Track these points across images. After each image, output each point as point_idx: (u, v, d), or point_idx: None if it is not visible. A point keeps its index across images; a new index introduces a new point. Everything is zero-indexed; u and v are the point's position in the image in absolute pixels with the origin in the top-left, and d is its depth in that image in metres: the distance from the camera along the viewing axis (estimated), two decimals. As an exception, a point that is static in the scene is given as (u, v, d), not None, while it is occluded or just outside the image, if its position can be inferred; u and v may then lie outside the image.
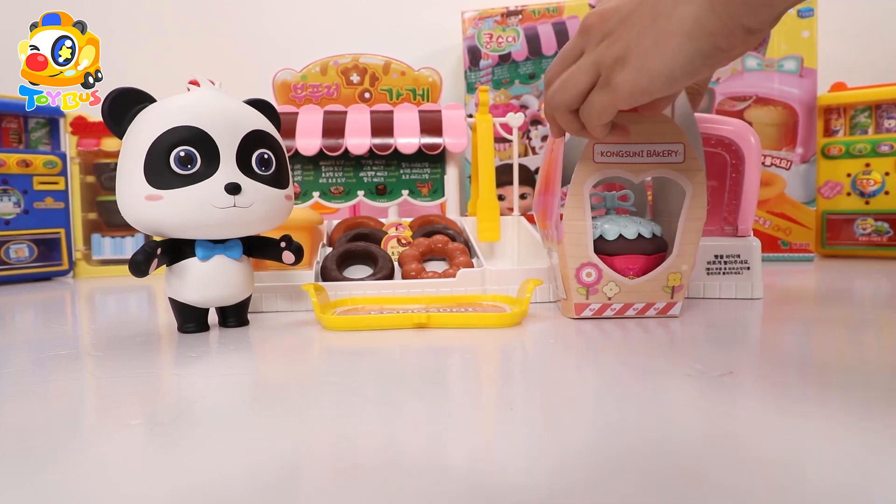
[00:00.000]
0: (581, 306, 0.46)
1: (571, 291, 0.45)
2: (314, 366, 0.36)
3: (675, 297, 0.46)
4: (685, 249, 0.45)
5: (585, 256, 0.44)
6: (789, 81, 0.82)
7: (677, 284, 0.45)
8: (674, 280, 0.45)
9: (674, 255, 0.45)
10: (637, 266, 0.45)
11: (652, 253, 0.46)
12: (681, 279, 0.45)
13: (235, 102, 0.43)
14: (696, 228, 0.45)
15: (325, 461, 0.22)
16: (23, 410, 0.28)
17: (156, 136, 0.39)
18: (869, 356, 0.35)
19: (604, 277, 0.45)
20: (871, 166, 0.85)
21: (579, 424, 0.25)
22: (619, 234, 0.45)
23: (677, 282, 0.45)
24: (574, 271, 0.45)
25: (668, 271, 0.45)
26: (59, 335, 0.46)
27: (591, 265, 0.45)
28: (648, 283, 0.45)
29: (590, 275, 0.45)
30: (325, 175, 0.71)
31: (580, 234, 0.44)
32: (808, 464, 0.21)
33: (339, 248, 0.58)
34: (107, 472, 0.21)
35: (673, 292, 0.46)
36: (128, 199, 0.41)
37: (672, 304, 0.46)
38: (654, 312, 0.46)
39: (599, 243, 0.45)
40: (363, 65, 0.86)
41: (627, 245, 0.45)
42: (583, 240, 0.44)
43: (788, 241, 0.85)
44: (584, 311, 0.46)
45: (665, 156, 0.43)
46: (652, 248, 0.46)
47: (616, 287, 0.45)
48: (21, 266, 0.81)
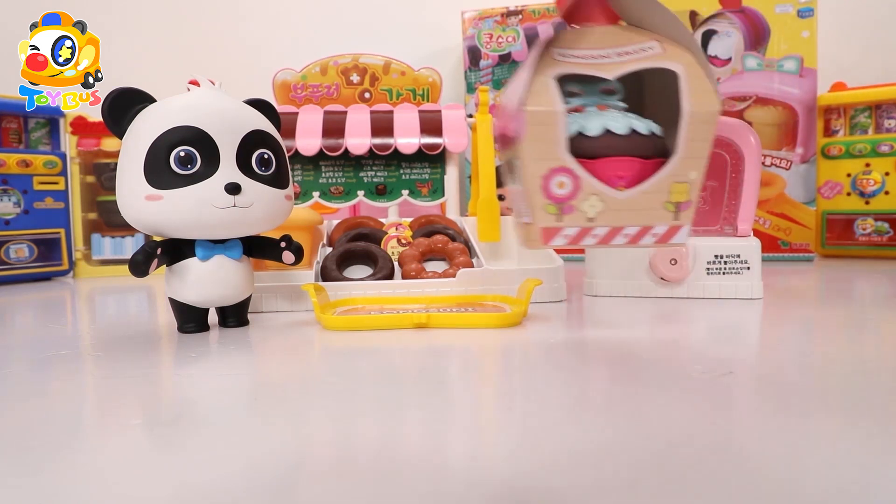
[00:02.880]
0: (550, 231, 0.34)
1: (537, 210, 0.33)
2: (314, 366, 0.36)
3: (681, 217, 0.35)
4: (693, 148, 0.33)
5: (556, 158, 0.33)
6: (789, 81, 0.82)
7: (684, 199, 0.34)
8: (679, 193, 0.34)
9: (678, 156, 0.34)
10: (630, 172, 0.34)
11: (650, 156, 0.35)
12: (688, 192, 0.34)
13: (235, 102, 0.43)
14: (707, 118, 0.33)
15: (325, 461, 0.22)
16: (23, 410, 0.28)
17: (156, 136, 0.39)
18: (869, 356, 0.35)
19: (583, 189, 0.33)
20: (871, 166, 0.85)
21: (579, 424, 0.25)
22: (605, 128, 0.34)
23: (683, 195, 0.34)
24: (540, 181, 0.33)
25: (671, 179, 0.34)
26: (59, 335, 0.46)
27: (565, 171, 0.33)
28: (645, 198, 0.34)
29: (562, 185, 0.33)
30: (325, 175, 0.71)
31: (548, 125, 0.32)
32: (808, 464, 0.21)
33: (339, 248, 0.58)
34: (107, 472, 0.21)
35: (678, 211, 0.34)
36: (128, 199, 0.41)
37: (676, 228, 0.35)
38: (653, 239, 0.35)
39: (578, 142, 0.34)
40: (363, 65, 0.86)
41: (616, 143, 0.34)
42: (551, 133, 0.32)
43: (788, 241, 0.85)
44: (555, 237, 0.34)
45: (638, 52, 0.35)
46: (650, 149, 0.35)
47: (600, 203, 0.34)
48: (21, 266, 0.81)
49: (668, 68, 0.34)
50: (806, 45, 0.81)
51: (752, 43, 0.83)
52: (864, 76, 0.91)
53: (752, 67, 0.83)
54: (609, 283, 0.57)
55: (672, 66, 0.34)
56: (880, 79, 0.89)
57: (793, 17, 0.81)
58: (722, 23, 0.84)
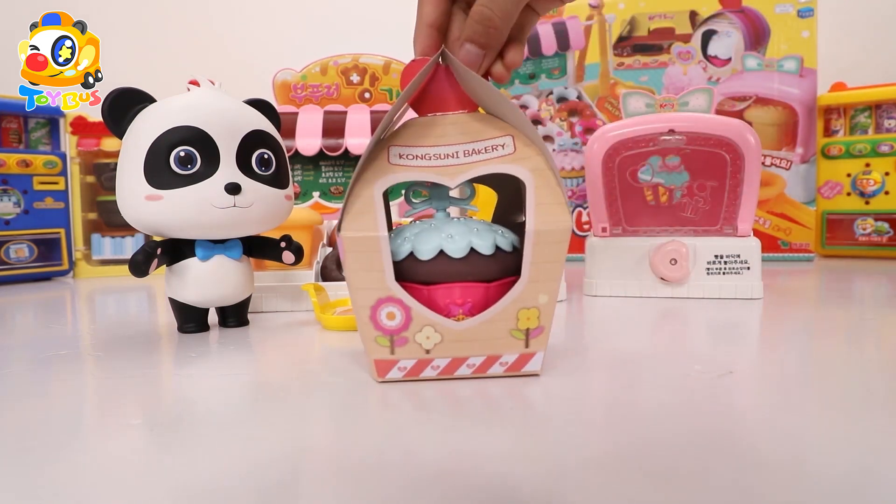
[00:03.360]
0: (385, 365, 0.30)
1: (368, 341, 0.30)
2: (314, 366, 0.36)
3: (533, 345, 0.30)
4: (542, 271, 0.29)
5: (382, 287, 0.29)
6: (789, 81, 0.82)
7: (534, 326, 0.30)
8: (528, 320, 0.29)
9: (524, 280, 0.29)
10: (471, 299, 0.30)
11: (495, 277, 0.30)
12: (538, 318, 0.30)
13: (235, 102, 0.43)
14: (556, 238, 0.29)
15: (325, 461, 0.22)
16: (23, 410, 0.28)
17: (156, 137, 0.39)
18: (869, 356, 0.35)
19: (415, 320, 0.29)
20: (871, 166, 0.85)
21: (579, 424, 0.25)
22: (440, 249, 0.29)
23: (534, 322, 0.30)
24: (368, 311, 0.29)
25: (517, 306, 0.29)
26: (59, 335, 0.46)
27: (394, 301, 0.29)
28: (488, 327, 0.29)
29: (392, 316, 0.29)
30: (325, 175, 0.71)
31: (370, 252, 0.28)
32: (808, 464, 0.21)
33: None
34: (107, 472, 0.21)
35: (528, 338, 0.30)
36: (128, 199, 0.41)
37: (528, 357, 0.30)
38: (501, 369, 0.30)
39: (410, 265, 0.30)
40: (363, 65, 0.86)
41: (452, 267, 0.29)
42: (375, 260, 0.29)
43: (788, 241, 0.85)
44: (391, 371, 0.30)
45: (489, 151, 0.30)
46: (494, 271, 0.30)
47: (437, 335, 0.30)
48: (21, 266, 0.81)
49: (516, 175, 0.29)
50: (806, 45, 0.81)
51: (752, 43, 0.83)
52: (864, 76, 0.91)
53: (752, 67, 0.83)
54: (609, 283, 0.57)
55: (520, 172, 0.29)
56: (880, 79, 0.89)
57: (793, 17, 0.81)
58: (722, 23, 0.84)
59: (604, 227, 0.58)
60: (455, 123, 0.31)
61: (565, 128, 0.91)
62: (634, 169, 0.58)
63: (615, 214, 0.58)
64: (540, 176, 0.29)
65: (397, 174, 0.30)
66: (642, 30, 0.87)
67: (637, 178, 0.58)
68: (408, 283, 0.30)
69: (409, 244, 0.30)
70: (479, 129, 0.30)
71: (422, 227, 0.31)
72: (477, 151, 0.30)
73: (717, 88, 0.84)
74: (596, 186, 0.58)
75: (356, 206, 0.29)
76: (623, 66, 0.88)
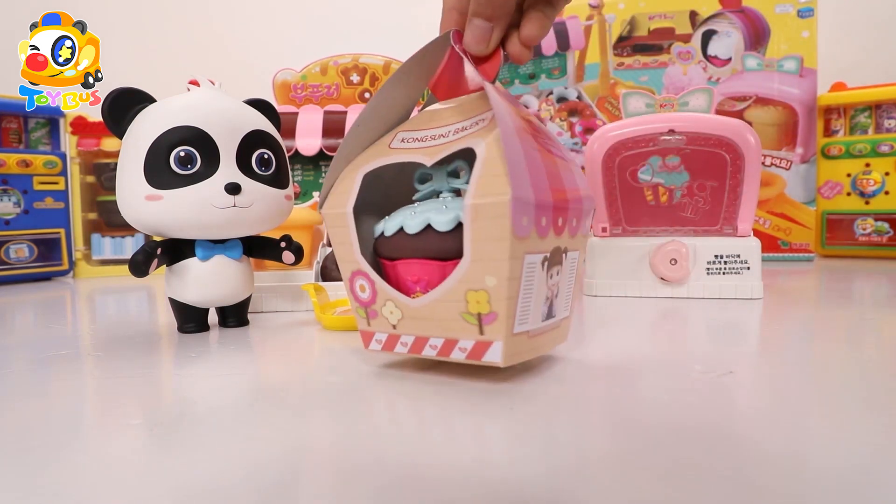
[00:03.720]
0: (367, 335, 0.32)
1: (354, 312, 0.33)
2: (314, 366, 0.36)
3: (487, 332, 0.27)
4: (484, 250, 0.26)
5: (353, 260, 0.31)
6: (789, 81, 0.82)
7: (485, 311, 0.27)
8: (478, 304, 0.27)
9: (466, 259, 0.27)
10: (425, 277, 0.30)
11: (452, 257, 0.28)
12: (488, 302, 0.26)
13: (235, 102, 0.43)
14: (494, 212, 0.25)
15: (325, 461, 0.22)
16: (23, 410, 0.28)
17: (156, 137, 0.39)
18: (869, 356, 0.35)
19: (379, 294, 0.30)
20: (871, 166, 0.85)
21: (580, 424, 0.25)
22: (401, 225, 0.30)
23: (484, 307, 0.27)
24: (348, 283, 0.32)
25: (463, 287, 0.27)
26: (59, 335, 0.46)
27: (362, 274, 0.31)
28: (439, 307, 0.28)
29: (363, 288, 0.31)
30: (325, 175, 0.71)
31: (342, 227, 0.31)
32: (808, 464, 0.21)
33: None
34: (107, 472, 0.21)
35: (480, 324, 0.27)
36: (128, 199, 0.41)
37: (486, 345, 0.27)
38: (462, 355, 0.28)
39: (381, 241, 0.32)
40: (363, 65, 0.86)
41: (407, 243, 0.30)
42: (347, 235, 0.31)
43: (788, 241, 0.85)
44: (371, 342, 0.32)
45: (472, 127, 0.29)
46: (449, 249, 0.29)
47: (398, 310, 0.30)
48: (21, 266, 0.81)
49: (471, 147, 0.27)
50: (806, 45, 0.81)
51: (752, 43, 0.83)
52: (864, 76, 0.91)
53: (752, 67, 0.83)
54: (609, 283, 0.57)
55: (477, 145, 0.27)
56: (880, 79, 0.89)
57: (793, 17, 0.81)
58: (722, 23, 0.84)
59: (604, 228, 0.58)
60: (457, 104, 0.30)
61: (565, 128, 0.91)
62: (634, 169, 0.58)
63: (615, 214, 0.58)
64: (494, 147, 0.26)
65: (388, 157, 0.30)
66: (642, 30, 0.87)
67: (637, 178, 0.58)
68: (382, 258, 0.32)
69: (384, 222, 0.32)
70: (472, 107, 0.30)
71: (408, 207, 0.31)
72: (464, 129, 0.29)
73: (717, 88, 0.84)
74: (596, 186, 0.58)
75: (340, 185, 0.31)
76: (623, 66, 0.88)
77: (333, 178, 0.32)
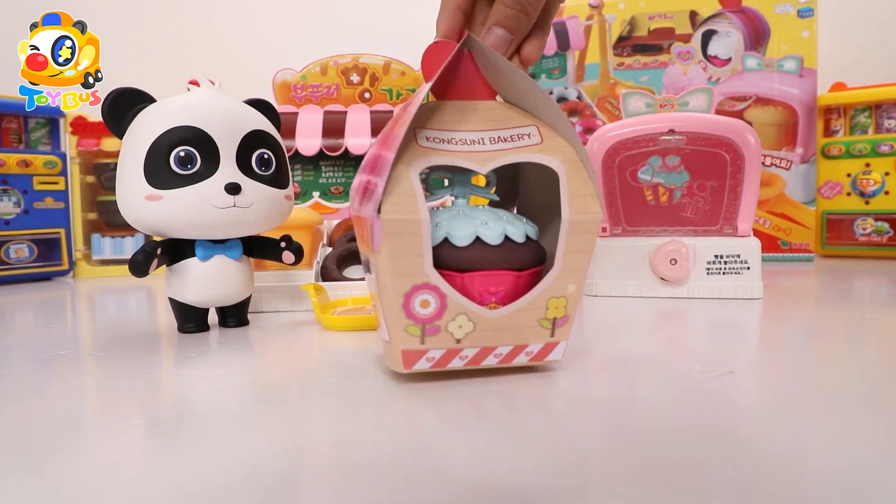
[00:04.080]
0: (412, 355, 0.29)
1: (397, 330, 0.29)
2: (314, 366, 0.36)
3: (557, 334, 0.31)
4: (573, 261, 0.29)
5: (420, 274, 0.28)
6: (789, 81, 0.82)
7: (560, 315, 0.30)
8: (556, 309, 0.30)
9: (556, 269, 0.29)
10: (503, 288, 0.30)
11: (527, 266, 0.30)
12: (565, 307, 0.30)
13: (235, 102, 0.43)
14: (588, 228, 0.29)
15: (325, 461, 0.22)
16: (23, 410, 0.28)
17: (156, 137, 0.39)
18: (869, 356, 0.35)
19: (449, 308, 0.28)
20: (871, 166, 0.85)
21: (580, 425, 0.25)
22: (476, 235, 0.29)
23: (560, 311, 0.30)
24: (401, 299, 0.28)
25: (548, 295, 0.30)
26: (59, 335, 0.46)
27: (430, 288, 0.28)
28: (519, 316, 0.29)
29: (426, 304, 0.28)
30: (325, 175, 0.71)
31: (410, 236, 0.27)
32: (808, 464, 0.21)
33: (339, 248, 0.58)
34: (107, 472, 0.21)
35: (554, 327, 0.30)
36: (128, 199, 0.41)
37: (552, 346, 0.31)
38: (527, 358, 0.31)
39: (444, 251, 0.29)
40: (363, 65, 0.86)
41: (488, 254, 0.29)
42: (415, 245, 0.27)
43: (788, 241, 0.85)
44: (419, 361, 0.29)
45: (515, 140, 0.30)
46: (527, 259, 0.30)
47: (469, 323, 0.29)
48: (21, 266, 0.81)
49: (548, 165, 0.30)
50: (806, 45, 0.81)
51: (752, 43, 0.83)
52: (864, 76, 0.91)
53: (752, 67, 0.83)
54: (609, 283, 0.57)
55: (551, 162, 0.29)
56: (880, 79, 0.89)
57: (793, 17, 0.81)
58: (722, 23, 0.84)
59: (604, 228, 0.58)
60: (480, 110, 0.31)
61: (565, 128, 0.91)
62: (634, 169, 0.58)
63: (615, 214, 0.58)
64: (572, 167, 0.30)
65: (430, 157, 0.29)
66: (642, 30, 0.87)
67: (637, 178, 0.58)
68: (441, 269, 0.29)
69: (443, 230, 0.29)
70: (504, 117, 0.31)
71: (452, 213, 0.30)
72: (503, 139, 0.30)
73: (717, 88, 0.84)
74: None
75: (395, 187, 0.27)
76: (623, 66, 0.88)
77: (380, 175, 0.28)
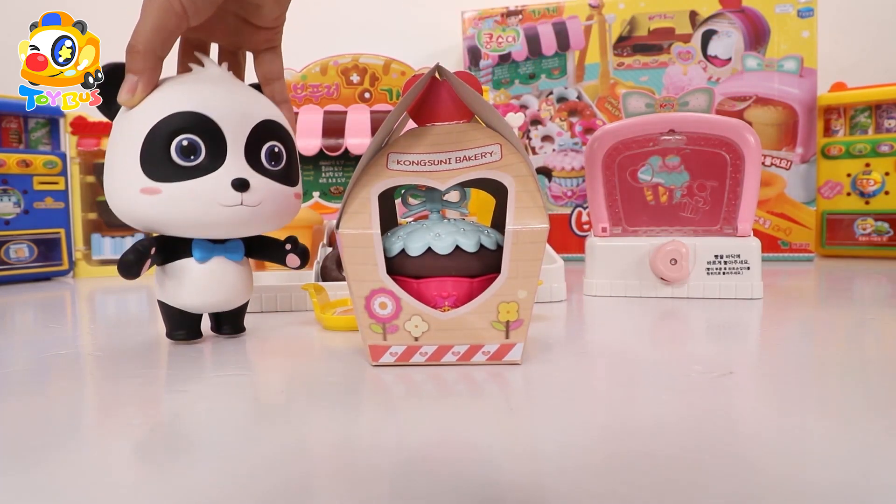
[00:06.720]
0: (378, 350, 0.33)
1: (364, 328, 0.33)
2: (314, 366, 0.36)
3: (513, 336, 0.33)
4: (520, 268, 0.32)
5: (375, 279, 0.32)
6: (789, 81, 0.82)
7: (514, 319, 0.33)
8: (508, 313, 0.33)
9: (504, 276, 0.32)
10: (455, 292, 0.33)
11: (478, 274, 0.33)
12: (517, 311, 0.33)
13: (245, 87, 0.39)
14: (532, 238, 0.32)
15: (326, 462, 0.22)
16: (23, 410, 0.28)
17: (155, 121, 0.35)
18: (869, 356, 0.35)
19: (404, 310, 0.32)
20: (871, 166, 0.85)
21: (579, 425, 0.25)
22: (428, 246, 0.33)
23: (513, 315, 0.33)
24: (363, 301, 0.33)
25: (497, 300, 0.32)
26: (59, 335, 0.46)
27: (385, 292, 0.32)
28: (471, 318, 0.33)
29: (384, 305, 0.33)
30: (325, 175, 0.71)
31: (365, 247, 0.32)
32: (808, 464, 0.21)
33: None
34: (106, 473, 0.21)
35: (508, 330, 0.33)
36: (119, 190, 0.36)
37: (509, 347, 0.33)
38: (484, 357, 0.33)
39: (401, 260, 0.33)
40: (363, 65, 0.86)
41: (438, 263, 0.33)
42: (369, 255, 0.32)
43: (788, 241, 0.85)
44: (384, 355, 0.33)
45: (478, 158, 0.33)
46: (477, 267, 0.33)
47: (424, 324, 0.33)
48: (21, 266, 0.81)
49: (500, 181, 0.32)
50: (806, 45, 0.81)
51: (752, 43, 0.83)
52: (864, 76, 0.91)
53: (752, 67, 0.83)
54: (609, 283, 0.57)
55: (504, 178, 0.32)
56: (880, 79, 0.89)
57: (793, 17, 0.81)
58: (722, 23, 0.84)
59: (604, 227, 0.58)
60: (449, 132, 0.33)
61: (565, 128, 0.91)
62: (634, 169, 0.58)
63: (615, 214, 0.58)
64: (522, 182, 0.32)
65: (394, 178, 0.33)
66: (642, 30, 0.87)
67: (637, 178, 0.58)
68: (399, 276, 0.33)
69: (401, 242, 0.33)
70: (470, 138, 0.33)
71: (414, 227, 0.34)
72: (468, 158, 0.33)
73: (717, 88, 0.84)
74: (596, 186, 0.58)
75: (353, 206, 0.32)
76: (623, 66, 0.88)
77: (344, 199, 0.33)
